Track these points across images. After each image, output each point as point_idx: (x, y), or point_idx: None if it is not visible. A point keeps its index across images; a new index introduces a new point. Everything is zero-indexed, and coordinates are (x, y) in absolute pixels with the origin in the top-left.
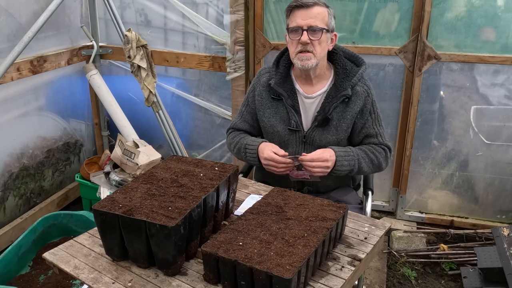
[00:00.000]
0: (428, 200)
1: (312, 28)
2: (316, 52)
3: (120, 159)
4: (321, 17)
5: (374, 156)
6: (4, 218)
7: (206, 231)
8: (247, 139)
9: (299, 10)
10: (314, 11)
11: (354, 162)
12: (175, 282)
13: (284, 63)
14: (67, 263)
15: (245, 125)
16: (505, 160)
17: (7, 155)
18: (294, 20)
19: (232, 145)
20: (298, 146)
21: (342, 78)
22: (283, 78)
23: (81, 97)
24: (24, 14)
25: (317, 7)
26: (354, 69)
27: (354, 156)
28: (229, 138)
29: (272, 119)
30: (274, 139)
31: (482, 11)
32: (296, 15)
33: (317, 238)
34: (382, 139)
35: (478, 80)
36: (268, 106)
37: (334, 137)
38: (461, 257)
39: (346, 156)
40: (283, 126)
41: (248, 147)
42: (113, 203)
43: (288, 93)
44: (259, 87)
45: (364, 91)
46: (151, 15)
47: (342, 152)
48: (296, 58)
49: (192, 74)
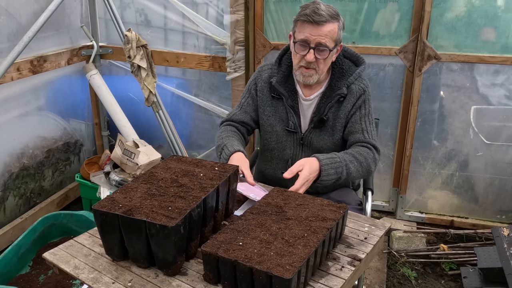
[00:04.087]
0: (428, 200)
1: (320, 48)
2: (319, 69)
3: (120, 159)
4: (331, 35)
5: (363, 158)
6: (4, 218)
7: (206, 231)
8: (229, 140)
9: (310, 25)
10: (325, 29)
11: (341, 169)
12: (175, 282)
13: (287, 62)
14: (67, 263)
15: (246, 116)
16: (505, 160)
17: (7, 155)
18: (302, 33)
19: (216, 139)
20: (296, 147)
21: (338, 78)
22: (285, 77)
23: (81, 97)
24: (24, 14)
25: (329, 24)
26: (351, 68)
27: (341, 162)
28: (219, 131)
29: (271, 118)
30: (271, 138)
31: (482, 11)
32: (305, 28)
33: (317, 238)
34: (369, 137)
35: (478, 80)
36: (268, 104)
37: (331, 138)
38: (461, 257)
39: (332, 164)
40: (281, 126)
41: (224, 149)
42: (113, 203)
43: (289, 93)
44: (261, 82)
45: (359, 89)
46: (151, 15)
47: (327, 159)
48: (299, 72)
49: (192, 74)
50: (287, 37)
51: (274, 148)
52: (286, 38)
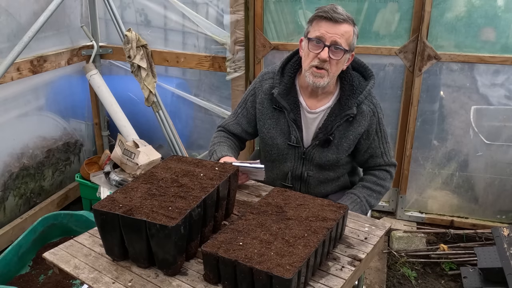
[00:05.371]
0: (428, 200)
1: (336, 46)
2: (330, 71)
3: (120, 159)
4: (347, 36)
5: (380, 187)
6: (4, 218)
7: (206, 231)
8: (219, 146)
9: (327, 22)
10: (342, 29)
11: (364, 207)
12: (175, 282)
13: (290, 72)
14: (67, 263)
15: (238, 128)
16: (505, 160)
17: (7, 155)
18: (318, 30)
19: (210, 144)
20: (297, 161)
21: (348, 96)
22: (287, 89)
23: (81, 97)
24: (24, 14)
25: (346, 25)
26: (361, 84)
27: (362, 201)
28: (213, 137)
29: (272, 130)
30: (272, 151)
31: (482, 11)
32: (321, 26)
33: (317, 238)
34: (388, 158)
35: (478, 80)
36: (269, 117)
37: (334, 156)
38: (461, 257)
39: (354, 205)
40: (283, 139)
41: (214, 154)
42: (113, 203)
43: (291, 106)
44: (261, 94)
45: (370, 110)
46: (151, 15)
47: (349, 202)
48: (309, 72)
49: (192, 74)
50: (287, 37)
51: (275, 160)
52: (286, 38)
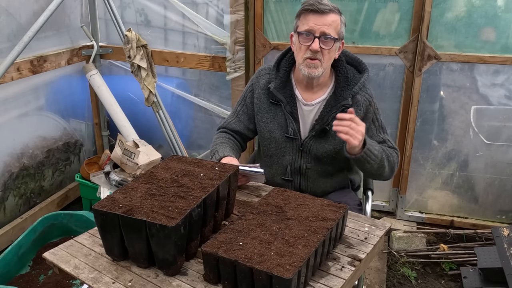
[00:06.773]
0: (428, 200)
1: (325, 36)
2: (323, 61)
3: (120, 159)
4: (335, 26)
5: (389, 153)
6: (4, 218)
7: (206, 231)
8: (221, 146)
9: (314, 14)
10: (329, 19)
11: (381, 154)
12: (175, 282)
13: (285, 67)
14: (67, 263)
15: (239, 125)
16: (505, 160)
17: (7, 155)
18: (306, 23)
19: (212, 144)
20: (295, 154)
21: (343, 87)
22: (283, 83)
23: (81, 97)
24: (24, 14)
25: (332, 15)
26: (356, 76)
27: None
28: (214, 137)
29: (269, 124)
30: (271, 145)
31: (482, 11)
32: (309, 19)
33: (317, 238)
34: (392, 144)
35: (478, 80)
36: (266, 111)
37: (332, 147)
38: (461, 257)
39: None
40: (280, 132)
41: (215, 154)
42: (113, 203)
43: (287, 99)
44: (258, 89)
45: (365, 100)
46: (151, 15)
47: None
48: (304, 65)
49: (192, 74)
50: (287, 37)
51: (274, 154)
52: (286, 38)
